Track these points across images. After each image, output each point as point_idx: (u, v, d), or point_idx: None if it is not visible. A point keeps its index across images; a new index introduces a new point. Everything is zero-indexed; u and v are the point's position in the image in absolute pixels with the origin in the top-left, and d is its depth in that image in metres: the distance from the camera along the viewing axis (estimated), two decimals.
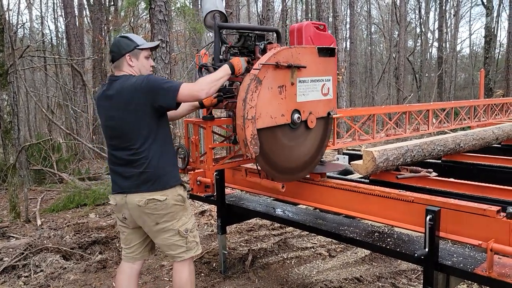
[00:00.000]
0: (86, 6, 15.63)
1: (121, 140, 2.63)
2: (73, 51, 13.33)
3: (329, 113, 3.40)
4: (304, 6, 23.92)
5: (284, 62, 2.92)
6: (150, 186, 2.62)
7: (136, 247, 2.94)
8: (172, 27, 16.04)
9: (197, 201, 6.18)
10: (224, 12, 3.33)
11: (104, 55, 13.38)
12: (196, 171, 4.15)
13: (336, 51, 3.36)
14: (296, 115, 3.09)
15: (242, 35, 3.35)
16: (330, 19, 13.46)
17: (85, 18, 16.59)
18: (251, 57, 3.25)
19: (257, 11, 19.74)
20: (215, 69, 3.12)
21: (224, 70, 2.81)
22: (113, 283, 4.06)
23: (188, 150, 3.40)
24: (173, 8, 14.54)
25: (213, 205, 4.91)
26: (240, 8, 14.72)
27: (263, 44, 3.22)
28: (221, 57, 3.18)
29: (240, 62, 2.92)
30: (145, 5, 13.33)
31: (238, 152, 3.69)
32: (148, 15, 6.55)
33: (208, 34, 21.63)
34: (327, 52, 3.27)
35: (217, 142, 4.11)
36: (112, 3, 15.23)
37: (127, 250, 2.95)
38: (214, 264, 4.45)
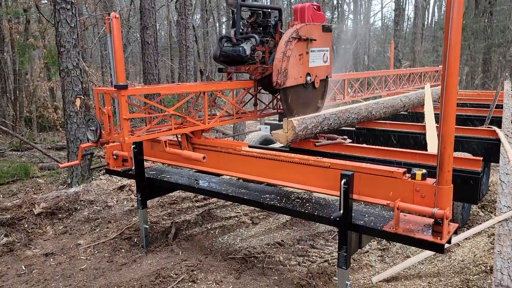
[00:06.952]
0: None
1: None
2: None
3: (327, 76, 4.32)
4: None
5: (304, 35, 3.80)
6: None
7: None
8: None
9: (115, 176, 5.89)
10: None
11: None
12: (111, 144, 3.91)
13: (332, 27, 4.27)
14: (308, 77, 4.02)
15: (254, 13, 4.04)
16: None
17: None
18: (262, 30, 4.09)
19: None
20: (237, 40, 3.86)
21: None
22: (22, 267, 3.76)
23: (100, 122, 3.16)
24: None
25: (133, 179, 4.70)
26: None
27: (281, 22, 4.08)
28: (241, 30, 3.93)
29: None
30: None
31: (155, 123, 3.53)
32: None
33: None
34: (327, 28, 4.16)
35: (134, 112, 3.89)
36: None
37: None
38: (135, 239, 4.31)
